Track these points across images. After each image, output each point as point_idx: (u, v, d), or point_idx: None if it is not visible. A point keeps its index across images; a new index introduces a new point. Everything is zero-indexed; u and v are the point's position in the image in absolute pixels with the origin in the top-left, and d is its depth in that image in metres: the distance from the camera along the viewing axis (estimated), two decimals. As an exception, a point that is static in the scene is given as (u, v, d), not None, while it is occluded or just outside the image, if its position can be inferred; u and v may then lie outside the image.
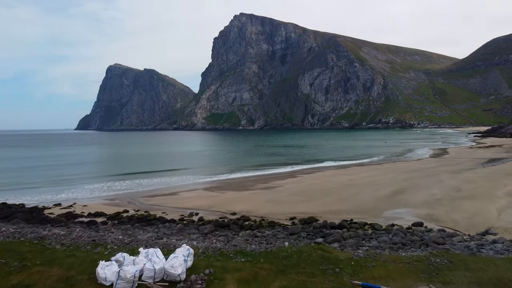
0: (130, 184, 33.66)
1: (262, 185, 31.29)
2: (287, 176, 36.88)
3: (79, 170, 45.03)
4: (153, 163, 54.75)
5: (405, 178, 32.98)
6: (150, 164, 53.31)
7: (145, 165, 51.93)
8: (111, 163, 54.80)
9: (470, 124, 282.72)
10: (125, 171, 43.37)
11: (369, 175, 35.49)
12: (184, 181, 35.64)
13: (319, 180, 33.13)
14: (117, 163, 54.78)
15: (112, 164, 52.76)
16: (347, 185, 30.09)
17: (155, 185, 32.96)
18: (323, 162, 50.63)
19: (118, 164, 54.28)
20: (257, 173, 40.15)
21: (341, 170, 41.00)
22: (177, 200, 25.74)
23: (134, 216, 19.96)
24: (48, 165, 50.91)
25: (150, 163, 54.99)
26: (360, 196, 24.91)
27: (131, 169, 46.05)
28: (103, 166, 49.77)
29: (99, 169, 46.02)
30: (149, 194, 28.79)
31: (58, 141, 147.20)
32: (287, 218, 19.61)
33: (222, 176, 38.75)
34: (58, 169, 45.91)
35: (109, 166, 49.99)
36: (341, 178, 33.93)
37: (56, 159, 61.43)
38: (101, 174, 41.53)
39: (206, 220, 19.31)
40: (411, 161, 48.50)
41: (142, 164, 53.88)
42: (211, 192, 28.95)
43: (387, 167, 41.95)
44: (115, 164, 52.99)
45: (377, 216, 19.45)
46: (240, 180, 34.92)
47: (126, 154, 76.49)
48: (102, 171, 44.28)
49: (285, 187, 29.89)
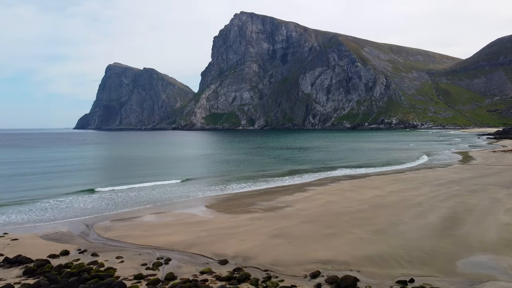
0: (99, 201, 26.48)
1: (265, 204, 24.12)
2: (295, 189, 29.72)
3: (50, 180, 37.79)
4: (140, 169, 47.61)
5: (447, 194, 25.84)
6: (136, 170, 46.17)
7: (129, 171, 44.81)
8: (93, 169, 47.55)
9: (475, 125, 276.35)
10: (102, 180, 36.23)
11: (398, 189, 28.35)
12: (168, 195, 28.49)
13: (337, 197, 25.96)
14: (99, 170, 47.61)
15: (92, 171, 45.53)
16: (376, 205, 22.95)
17: (128, 203, 25.78)
18: (335, 169, 43.42)
19: (100, 170, 47.12)
20: (258, 185, 32.88)
21: (360, 181, 33.82)
22: (148, 230, 18.56)
23: (65, 271, 12.67)
24: (22, 173, 43.50)
25: (136, 169, 47.85)
26: (403, 228, 17.74)
27: (112, 177, 39.00)
28: (81, 174, 42.48)
29: (74, 178, 38.71)
30: (115, 217, 21.63)
31: (49, 141, 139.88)
32: (306, 274, 12.45)
33: (216, 188, 31.58)
34: (29, 180, 38.59)
35: (88, 174, 42.73)
36: (365, 194, 26.77)
37: (35, 165, 54.09)
38: (74, 183, 34.37)
39: (178, 280, 12.05)
40: (439, 169, 41.29)
41: (127, 170, 46.77)
42: (197, 215, 21.74)
43: (414, 178, 34.77)
44: (96, 171, 45.78)
45: (449, 272, 12.30)
46: (238, 196, 27.72)
47: (113, 157, 69.33)
48: (76, 180, 37.04)
49: (295, 208, 22.72)
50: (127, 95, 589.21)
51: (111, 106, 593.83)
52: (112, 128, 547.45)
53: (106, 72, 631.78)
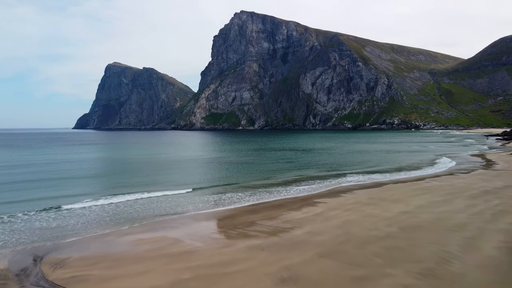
0: (66, 219, 21.64)
1: (267, 225, 19.38)
2: (303, 203, 24.99)
3: (20, 191, 33.07)
4: (127, 176, 42.90)
5: (490, 211, 21.11)
6: (122, 177, 41.46)
7: (114, 179, 40.10)
8: (76, 177, 42.58)
9: (478, 125, 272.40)
10: (79, 192, 31.47)
11: (426, 203, 23.64)
12: (151, 210, 23.78)
13: (356, 214, 21.22)
14: (82, 178, 42.66)
15: (74, 180, 40.56)
16: (407, 226, 18.23)
17: (102, 222, 21.04)
18: (345, 175, 38.64)
19: (83, 178, 42.20)
20: (260, 196, 27.98)
21: (377, 191, 29.09)
22: (112, 267, 13.85)
23: None
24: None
25: (123, 176, 43.15)
26: (458, 266, 12.98)
27: (93, 187, 34.36)
28: (60, 183, 37.54)
29: (49, 189, 33.74)
30: (77, 245, 16.89)
31: (42, 142, 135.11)
32: None
33: (210, 200, 26.86)
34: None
35: (68, 183, 37.81)
36: (388, 209, 22.04)
37: (11, 170, 49.53)
38: (46, 195, 29.61)
39: None
40: (463, 176, 36.55)
41: (113, 178, 42.08)
42: (181, 242, 16.95)
43: (439, 187, 30.05)
44: (78, 180, 40.79)
45: None
46: (235, 212, 22.94)
47: (102, 160, 64.67)
48: (50, 191, 32.22)
49: (305, 230, 17.99)
50: (126, 95, 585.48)
51: (111, 106, 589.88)
52: (111, 128, 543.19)
53: (105, 72, 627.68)
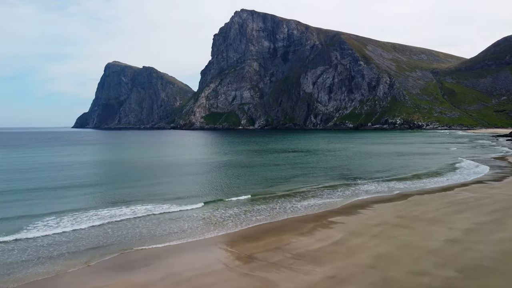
0: (6, 255, 16.71)
1: (270, 262, 14.29)
2: (314, 223, 19.86)
3: None
4: (110, 187, 37.97)
5: None
6: (107, 188, 36.51)
7: (99, 191, 35.14)
8: (52, 188, 37.67)
9: (482, 125, 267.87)
10: (49, 209, 26.49)
11: (474, 226, 18.54)
12: (135, 235, 18.70)
13: (387, 244, 16.08)
14: (60, 188, 37.76)
15: (50, 191, 35.68)
16: (467, 267, 13.14)
17: (77, 245, 16.00)
18: (358, 184, 33.46)
19: (60, 189, 37.30)
20: (261, 214, 22.51)
21: (403, 205, 23.95)
22: None
23: None
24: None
25: (110, 186, 38.20)
26: None
27: (72, 199, 29.42)
28: (33, 196, 32.66)
29: (15, 204, 28.88)
30: (40, 282, 11.89)
31: (36, 141, 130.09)
32: None
33: (198, 220, 21.76)
34: None
35: (42, 197, 32.97)
36: (428, 235, 16.92)
37: None
38: (7, 215, 24.72)
39: None
40: (498, 185, 31.39)
41: (99, 187, 37.15)
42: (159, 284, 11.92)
43: (477, 199, 24.94)
44: (54, 191, 35.91)
45: None
46: (229, 239, 17.79)
47: (92, 164, 59.69)
48: (15, 208, 27.33)
49: (324, 273, 12.87)
50: (126, 94, 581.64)
51: (110, 105, 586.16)
52: (110, 127, 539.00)
53: (105, 71, 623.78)
